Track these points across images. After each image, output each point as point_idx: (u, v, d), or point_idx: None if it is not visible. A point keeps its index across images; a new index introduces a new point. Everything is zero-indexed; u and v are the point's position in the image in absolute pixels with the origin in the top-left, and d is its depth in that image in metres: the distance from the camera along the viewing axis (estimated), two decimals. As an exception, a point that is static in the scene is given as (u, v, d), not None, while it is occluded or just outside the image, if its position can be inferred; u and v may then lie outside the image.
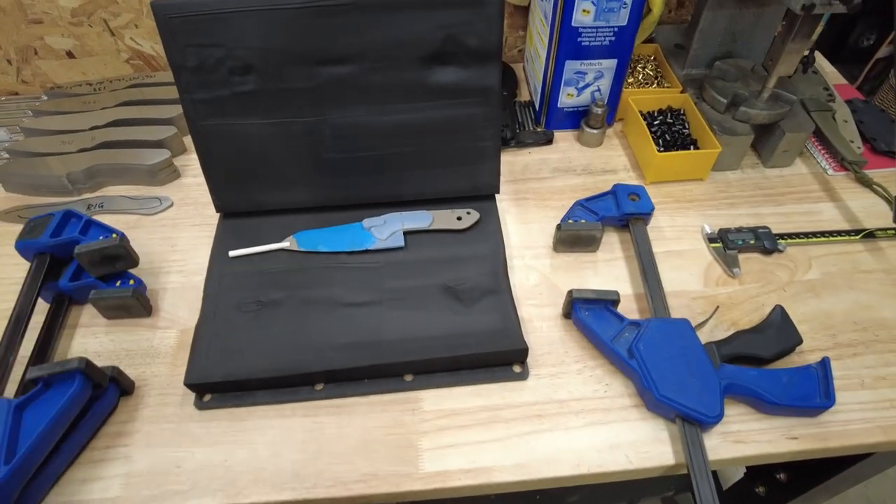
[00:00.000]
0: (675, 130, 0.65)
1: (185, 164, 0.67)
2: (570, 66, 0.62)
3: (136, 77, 0.74)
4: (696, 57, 0.68)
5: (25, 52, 0.72)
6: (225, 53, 0.47)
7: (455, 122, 0.52)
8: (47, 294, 0.52)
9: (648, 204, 0.57)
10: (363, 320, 0.49)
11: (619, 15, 0.57)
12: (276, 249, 0.54)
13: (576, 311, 0.50)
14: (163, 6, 0.45)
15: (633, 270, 0.56)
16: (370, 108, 0.51)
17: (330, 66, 0.48)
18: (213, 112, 0.50)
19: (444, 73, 0.50)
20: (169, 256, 0.58)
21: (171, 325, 0.52)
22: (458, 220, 0.55)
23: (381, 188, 0.56)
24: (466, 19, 0.47)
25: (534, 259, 0.57)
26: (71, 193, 0.63)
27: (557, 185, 0.64)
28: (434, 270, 0.52)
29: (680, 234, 0.59)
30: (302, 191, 0.55)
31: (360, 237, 0.54)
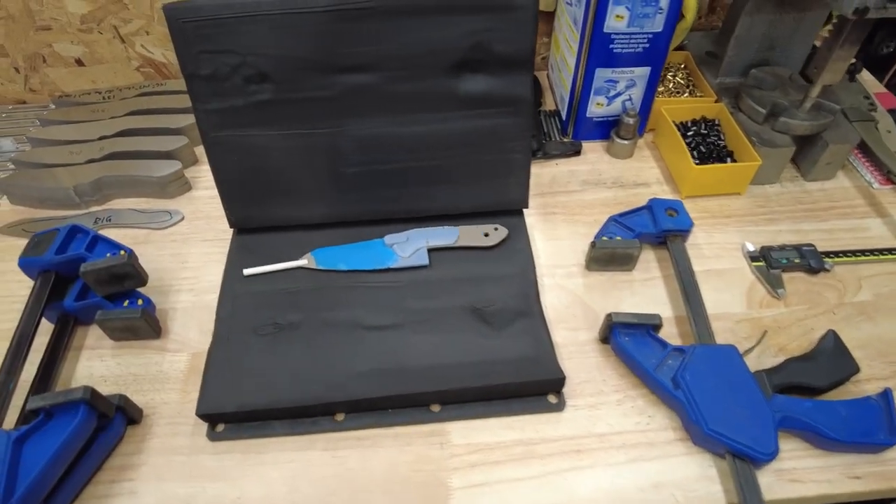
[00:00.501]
0: (710, 142, 0.62)
1: (196, 176, 0.64)
2: (601, 74, 0.59)
3: (146, 85, 0.71)
4: (730, 64, 0.64)
5: (33, 59, 0.70)
6: (240, 61, 0.44)
7: (483, 133, 0.49)
8: (52, 314, 0.50)
9: (687, 220, 0.54)
10: (386, 345, 0.46)
11: (654, 21, 0.54)
12: (294, 267, 0.51)
13: (615, 337, 0.47)
14: (176, 10, 0.43)
15: (672, 291, 0.53)
16: (393, 119, 0.48)
17: (350, 75, 0.45)
18: (226, 123, 0.47)
19: (472, 82, 0.47)
20: (179, 274, 0.55)
21: (182, 347, 0.49)
22: (486, 236, 0.52)
23: (403, 203, 0.53)
24: (496, 25, 0.44)
25: (565, 278, 0.53)
26: (78, 206, 0.61)
27: (587, 198, 0.60)
28: (460, 290, 0.49)
29: (719, 252, 0.56)
30: (320, 205, 0.52)
31: (382, 255, 0.51)
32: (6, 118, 0.72)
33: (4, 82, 0.72)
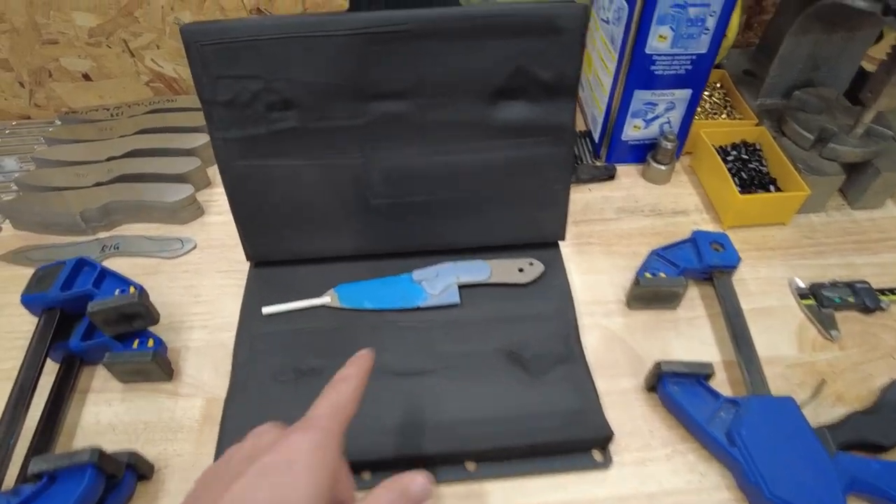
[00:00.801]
0: (752, 168, 0.59)
1: (209, 200, 0.61)
2: (640, 96, 0.55)
3: (156, 101, 0.68)
4: (772, 85, 0.61)
5: (39, 74, 0.67)
6: (263, 86, 0.41)
7: (520, 163, 0.46)
8: (56, 354, 0.46)
9: (734, 256, 0.50)
10: (417, 394, 0.42)
11: (699, 41, 0.51)
12: (316, 306, 0.48)
13: (664, 386, 0.44)
14: (194, 31, 0.39)
15: (719, 331, 0.49)
16: (424, 149, 0.45)
17: (382, 102, 0.42)
18: (247, 152, 0.44)
19: (511, 109, 0.44)
20: (192, 308, 0.51)
21: (195, 391, 0.46)
22: (520, 272, 0.49)
23: (431, 236, 0.49)
24: (540, 49, 0.41)
25: (605, 317, 0.50)
26: (84, 232, 0.57)
27: (624, 227, 0.57)
28: (494, 332, 0.46)
29: (765, 288, 0.53)
30: (344, 239, 0.49)
31: (410, 292, 0.48)
32: (10, 134, 0.69)
33: (8, 97, 0.69)
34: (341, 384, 0.30)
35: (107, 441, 0.44)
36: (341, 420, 0.28)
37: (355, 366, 0.32)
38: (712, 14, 0.49)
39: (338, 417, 0.28)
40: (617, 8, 0.52)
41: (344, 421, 0.28)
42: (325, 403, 0.29)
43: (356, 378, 0.30)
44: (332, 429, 0.27)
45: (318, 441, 0.26)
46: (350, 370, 0.31)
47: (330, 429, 0.27)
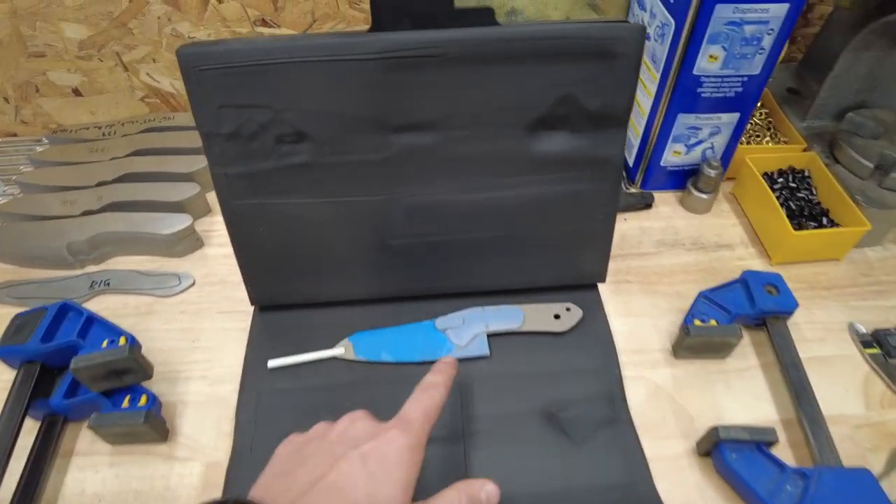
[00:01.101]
0: (801, 197, 0.54)
1: (208, 230, 0.56)
2: (683, 119, 0.50)
3: (152, 119, 0.63)
4: (823, 106, 0.56)
5: (25, 88, 0.62)
6: (271, 117, 0.36)
7: (559, 199, 0.41)
8: (37, 412, 0.41)
9: (791, 300, 0.45)
10: (444, 464, 0.37)
11: (752, 62, 0.46)
12: (328, 358, 0.43)
13: (721, 454, 0.39)
14: (192, 55, 0.34)
15: (774, 384, 0.44)
16: (451, 185, 0.40)
17: (407, 134, 0.37)
18: (253, 190, 0.38)
19: (551, 141, 0.39)
20: (189, 356, 0.46)
21: (193, 455, 0.41)
22: (556, 318, 0.44)
23: (458, 278, 0.44)
24: (590, 76, 0.36)
25: (649, 368, 0.45)
26: (72, 266, 0.52)
27: (665, 263, 0.52)
28: (529, 389, 0.41)
29: (823, 335, 0.48)
30: (360, 282, 0.44)
31: (434, 342, 0.43)
32: (-7, 153, 0.64)
33: (-9, 114, 0.64)
34: (432, 390, 0.31)
35: (93, 514, 0.39)
36: (430, 424, 0.30)
37: (442, 373, 0.33)
38: (769, 32, 0.44)
39: (428, 423, 0.30)
40: (660, 24, 0.48)
41: (432, 425, 0.30)
42: (418, 407, 0.30)
43: (444, 386, 0.32)
44: (423, 433, 0.29)
45: (413, 443, 0.28)
46: (437, 377, 0.32)
47: (422, 433, 0.29)
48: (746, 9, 0.42)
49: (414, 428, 0.28)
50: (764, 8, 0.42)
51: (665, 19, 0.47)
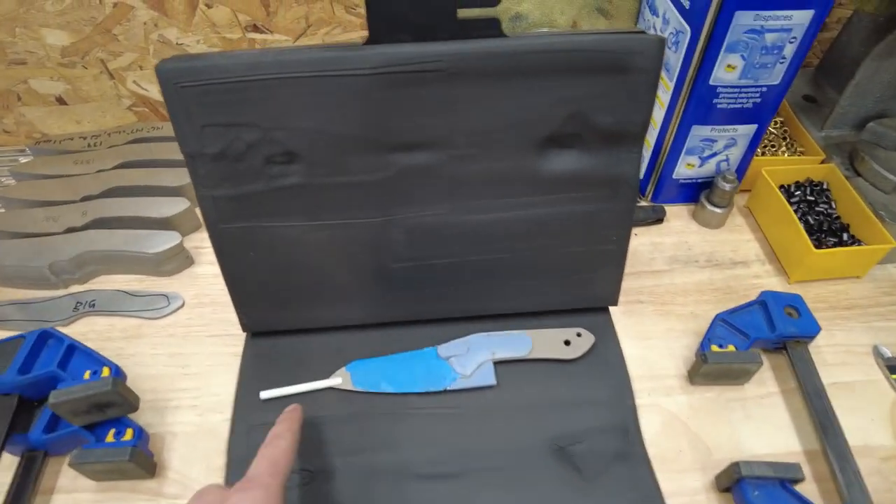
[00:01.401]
0: (820, 211, 0.51)
1: (198, 247, 0.53)
2: (698, 131, 0.48)
3: (139, 129, 0.61)
4: (842, 115, 0.54)
5: (6, 97, 0.59)
6: (260, 136, 0.33)
7: (569, 219, 0.38)
8: (15, 447, 0.39)
9: (813, 324, 0.43)
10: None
11: (772, 72, 0.44)
12: (324, 388, 0.40)
13: (743, 491, 0.36)
14: (172, 70, 0.31)
15: (795, 412, 0.42)
16: (454, 206, 0.37)
17: (407, 154, 0.35)
18: (241, 213, 0.36)
19: (560, 160, 0.36)
20: (178, 383, 0.44)
21: (183, 491, 0.38)
22: (566, 344, 0.42)
23: (461, 302, 0.42)
24: (604, 91, 0.33)
25: (663, 396, 0.43)
26: (55, 286, 0.50)
27: (678, 282, 0.50)
28: (538, 422, 0.39)
29: (845, 358, 0.45)
30: (358, 307, 0.41)
31: (437, 371, 0.41)
32: (-26, 164, 0.62)
33: (-28, 123, 0.61)
34: (276, 440, 0.32)
35: (74, 558, 0.37)
36: (280, 476, 0.30)
37: (286, 421, 0.34)
38: (792, 41, 0.41)
39: (277, 474, 0.30)
40: (675, 31, 0.45)
41: (283, 476, 0.30)
42: (262, 462, 0.30)
43: (290, 432, 0.33)
44: (273, 485, 0.29)
45: (260, 499, 0.28)
46: (282, 427, 0.33)
47: (270, 485, 0.29)
48: (768, 16, 0.40)
49: (259, 483, 0.29)
50: (787, 15, 0.40)
51: (680, 26, 0.44)
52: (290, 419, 0.34)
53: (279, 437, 0.32)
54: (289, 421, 0.34)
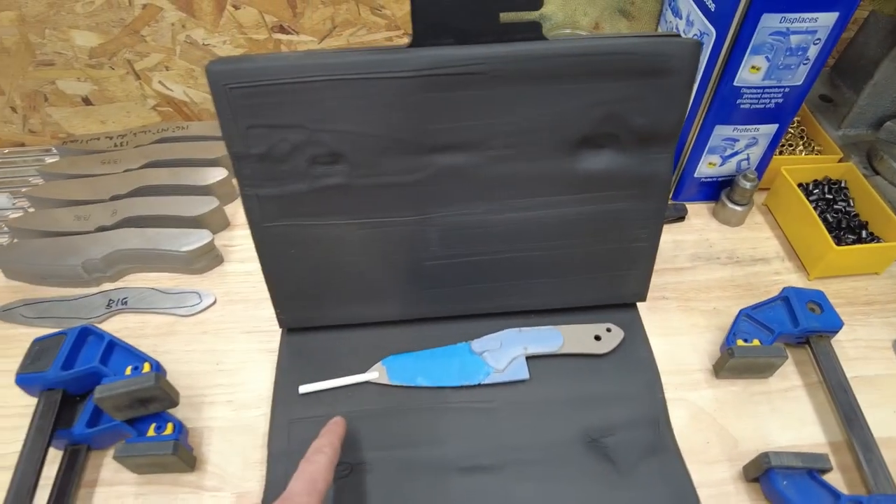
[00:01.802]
0: (838, 209, 0.52)
1: (228, 244, 0.54)
2: (720, 131, 0.49)
3: (165, 129, 0.61)
4: (860, 115, 0.55)
5: (33, 97, 0.60)
6: (306, 137, 0.34)
7: (601, 219, 0.39)
8: (59, 441, 0.40)
9: (836, 319, 0.44)
10: (485, 497, 0.36)
11: (795, 73, 0.45)
12: (361, 383, 0.41)
13: (771, 481, 0.37)
14: (222, 72, 0.32)
15: (820, 405, 0.43)
16: (491, 206, 0.38)
17: (445, 154, 0.35)
18: (284, 212, 0.37)
19: (595, 159, 0.37)
20: (213, 379, 0.45)
21: (222, 484, 0.39)
22: (597, 339, 0.42)
23: (494, 299, 0.43)
24: (639, 93, 0.34)
25: (690, 390, 0.44)
26: (87, 283, 0.50)
27: (700, 278, 0.51)
28: (571, 415, 0.40)
29: (866, 353, 0.46)
30: (394, 304, 0.42)
31: (471, 366, 0.41)
32: (1, 164, 0.62)
33: (-1, 123, 0.62)
34: (316, 455, 0.32)
35: (119, 549, 0.37)
36: (318, 494, 0.30)
37: (328, 434, 0.34)
38: (816, 42, 0.42)
39: (314, 492, 0.30)
40: (698, 32, 0.46)
41: (320, 494, 0.30)
42: (301, 479, 0.30)
43: (330, 447, 0.33)
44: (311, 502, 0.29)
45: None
46: (323, 440, 0.33)
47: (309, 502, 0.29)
48: (794, 18, 0.41)
49: (297, 502, 0.29)
50: (812, 17, 0.41)
51: (705, 28, 0.45)
52: (333, 432, 0.34)
53: (320, 452, 0.32)
54: (331, 434, 0.34)
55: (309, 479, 0.30)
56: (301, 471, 0.31)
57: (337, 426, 0.35)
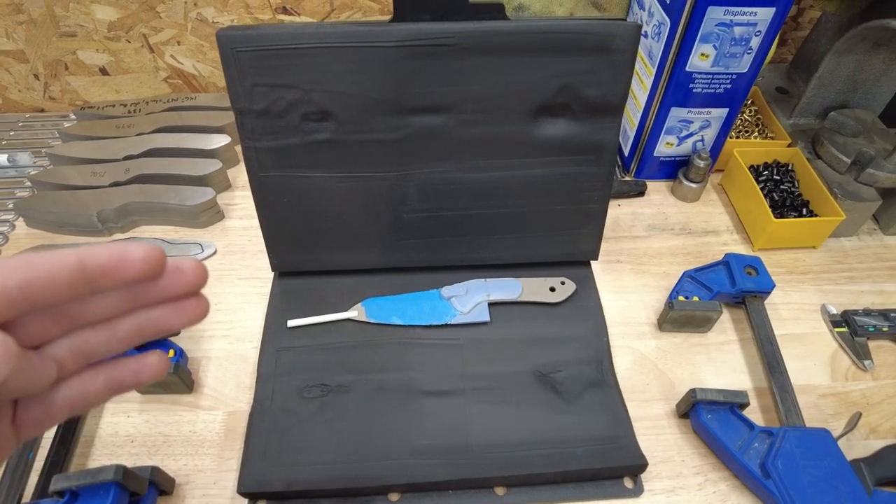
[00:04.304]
0: (784, 189, 0.58)
1: (229, 203, 0.59)
2: (676, 113, 0.54)
3: (174, 98, 0.67)
4: (808, 105, 0.60)
5: (55, 66, 0.65)
6: (300, 97, 0.39)
7: (557, 181, 0.45)
8: (74, 362, 0.45)
9: (769, 281, 0.49)
10: (446, 415, 0.41)
11: (740, 61, 0.50)
12: (342, 319, 0.46)
13: (697, 414, 0.43)
14: (230, 37, 0.38)
15: (750, 357, 0.48)
16: (461, 164, 0.43)
17: (422, 116, 0.41)
18: (278, 163, 0.42)
19: (553, 127, 0.42)
20: (212, 317, 0.50)
21: (216, 405, 0.45)
22: (551, 291, 0.48)
23: (463, 252, 0.48)
24: (590, 67, 0.39)
25: (636, 339, 0.49)
26: (101, 233, 0.56)
27: (654, 246, 0.56)
28: (525, 353, 0.45)
29: (797, 314, 0.52)
30: (374, 251, 0.48)
31: (439, 309, 0.47)
32: (22, 127, 0.67)
33: (22, 89, 0.67)
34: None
35: (125, 454, 0.43)
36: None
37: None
38: (757, 34, 0.48)
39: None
40: (657, 23, 0.51)
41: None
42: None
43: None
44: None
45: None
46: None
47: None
48: (736, 11, 0.46)
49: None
50: (752, 11, 0.46)
51: (662, 18, 0.50)
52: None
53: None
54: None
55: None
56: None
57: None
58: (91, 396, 0.22)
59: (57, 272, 0.20)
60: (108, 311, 0.22)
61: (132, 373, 0.23)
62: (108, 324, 0.22)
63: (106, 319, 0.22)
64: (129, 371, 0.23)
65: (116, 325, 0.22)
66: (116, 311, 0.22)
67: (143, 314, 0.22)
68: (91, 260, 0.20)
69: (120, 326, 0.22)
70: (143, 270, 0.21)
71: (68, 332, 0.22)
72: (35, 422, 0.22)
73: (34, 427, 0.22)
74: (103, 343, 0.22)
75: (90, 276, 0.20)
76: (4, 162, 0.63)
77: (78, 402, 0.22)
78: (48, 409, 0.22)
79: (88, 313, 0.22)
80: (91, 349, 0.22)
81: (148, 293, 0.22)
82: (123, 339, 0.22)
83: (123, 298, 0.22)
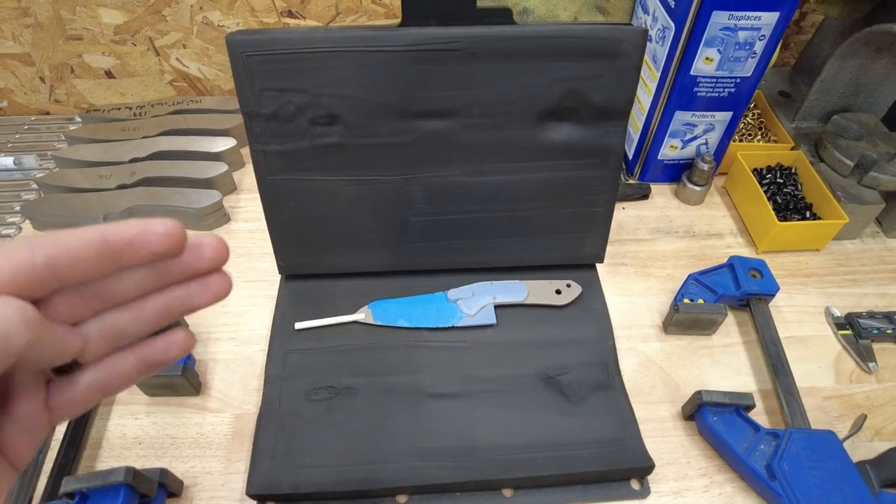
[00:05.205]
0: (787, 192, 0.58)
1: (234, 206, 0.59)
2: (680, 116, 0.54)
3: (179, 101, 0.67)
4: (810, 109, 0.60)
5: (61, 69, 0.66)
6: (308, 101, 0.40)
7: (563, 184, 0.45)
8: (81, 364, 0.45)
9: (773, 284, 0.50)
10: (453, 418, 0.41)
11: (744, 65, 0.50)
12: (349, 322, 0.47)
13: (703, 416, 0.43)
14: (240, 42, 0.38)
15: (755, 359, 0.49)
16: (468, 168, 0.44)
17: (429, 120, 0.41)
18: (287, 166, 0.42)
19: (558, 131, 0.43)
20: (219, 320, 0.50)
21: (223, 407, 0.45)
22: (557, 293, 0.48)
23: (469, 255, 0.48)
24: (596, 73, 0.40)
25: (641, 342, 0.49)
26: (107, 235, 0.56)
27: (658, 248, 0.56)
28: (531, 355, 0.45)
29: (801, 317, 0.52)
30: (381, 254, 0.48)
31: (446, 311, 0.47)
32: (28, 130, 0.68)
33: (28, 92, 0.67)
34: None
35: (134, 456, 0.43)
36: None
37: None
38: (761, 38, 0.48)
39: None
40: (661, 27, 0.52)
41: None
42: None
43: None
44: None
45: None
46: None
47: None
48: (741, 16, 0.46)
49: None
50: (756, 15, 0.46)
51: (666, 23, 0.51)
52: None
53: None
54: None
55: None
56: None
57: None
58: (122, 377, 0.22)
59: (83, 247, 0.20)
60: (134, 290, 0.22)
61: (161, 350, 0.23)
62: (135, 304, 0.22)
63: (133, 300, 0.22)
64: (159, 348, 0.23)
65: (143, 304, 0.22)
66: (142, 290, 0.22)
67: (168, 293, 0.22)
68: (114, 235, 0.20)
69: (147, 306, 0.22)
70: (166, 244, 0.21)
71: (97, 312, 0.21)
72: (67, 404, 0.22)
73: (67, 409, 0.22)
74: (131, 323, 0.22)
75: (114, 249, 0.20)
76: (10, 164, 0.63)
77: (108, 383, 0.22)
78: (80, 391, 0.22)
79: (115, 293, 0.21)
80: (120, 330, 0.22)
81: (171, 271, 0.22)
82: (151, 318, 0.22)
83: (148, 276, 0.22)
